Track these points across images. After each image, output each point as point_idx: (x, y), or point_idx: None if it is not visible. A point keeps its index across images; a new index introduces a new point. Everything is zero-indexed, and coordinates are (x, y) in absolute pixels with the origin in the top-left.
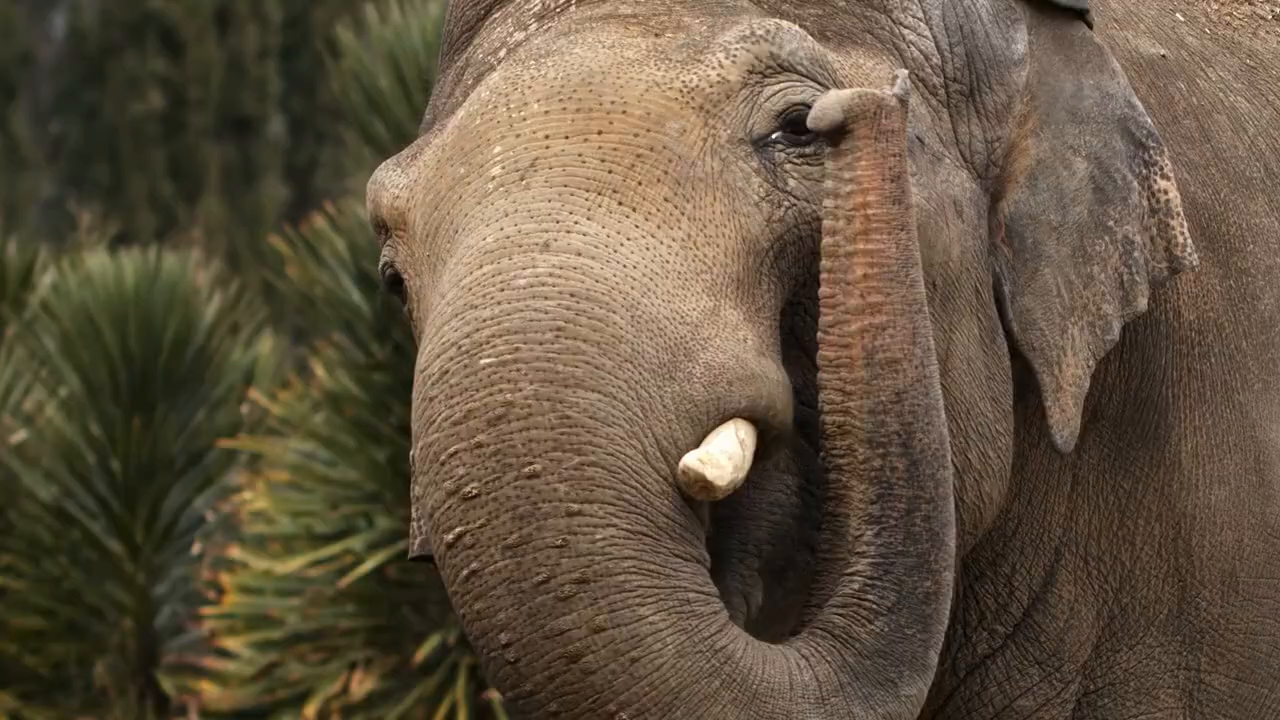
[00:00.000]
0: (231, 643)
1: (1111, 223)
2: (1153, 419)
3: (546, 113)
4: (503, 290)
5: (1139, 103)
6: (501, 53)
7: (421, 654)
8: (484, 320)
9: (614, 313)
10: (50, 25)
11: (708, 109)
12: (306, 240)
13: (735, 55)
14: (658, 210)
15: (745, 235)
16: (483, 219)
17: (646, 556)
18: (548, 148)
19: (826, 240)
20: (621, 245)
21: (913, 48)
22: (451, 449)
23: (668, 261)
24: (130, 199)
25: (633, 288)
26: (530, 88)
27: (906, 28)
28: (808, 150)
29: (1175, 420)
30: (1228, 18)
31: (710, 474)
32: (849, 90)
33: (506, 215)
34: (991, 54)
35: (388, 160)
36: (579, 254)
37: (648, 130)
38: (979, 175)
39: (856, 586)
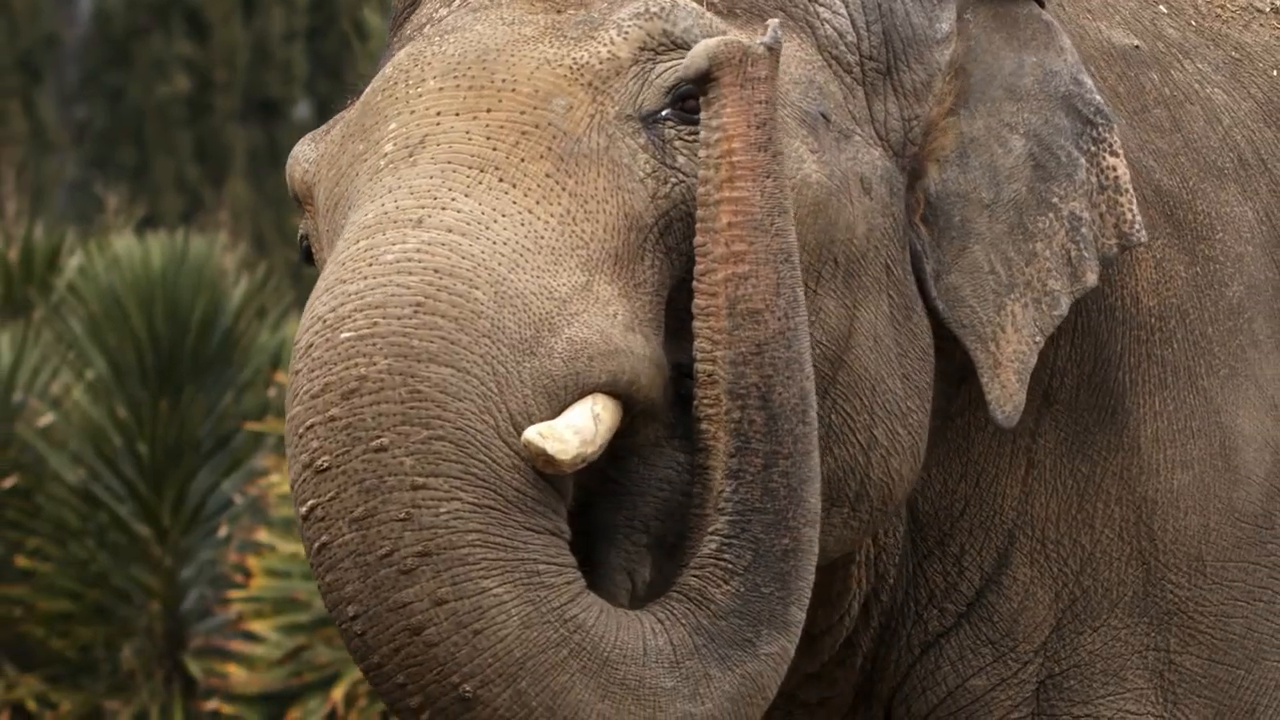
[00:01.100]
0: (259, 626)
1: (1056, 199)
2: (1109, 404)
3: (441, 90)
4: (371, 265)
5: (1088, 80)
6: (426, 29)
7: None
8: (349, 295)
9: (476, 288)
10: (76, 8)
11: (596, 85)
12: None
13: (627, 32)
14: (538, 186)
15: (628, 211)
16: (370, 195)
17: (493, 530)
18: (438, 124)
19: (699, 189)
20: (495, 222)
21: (826, 25)
22: (308, 422)
23: (542, 237)
24: (156, 182)
25: (500, 263)
26: (429, 64)
27: (821, 5)
28: (698, 127)
29: (1134, 405)
30: (1219, 10)
31: (551, 448)
32: (714, 38)
33: (390, 192)
34: (911, 32)
35: (308, 134)
36: (450, 230)
37: (534, 107)
38: (895, 153)
39: (714, 546)
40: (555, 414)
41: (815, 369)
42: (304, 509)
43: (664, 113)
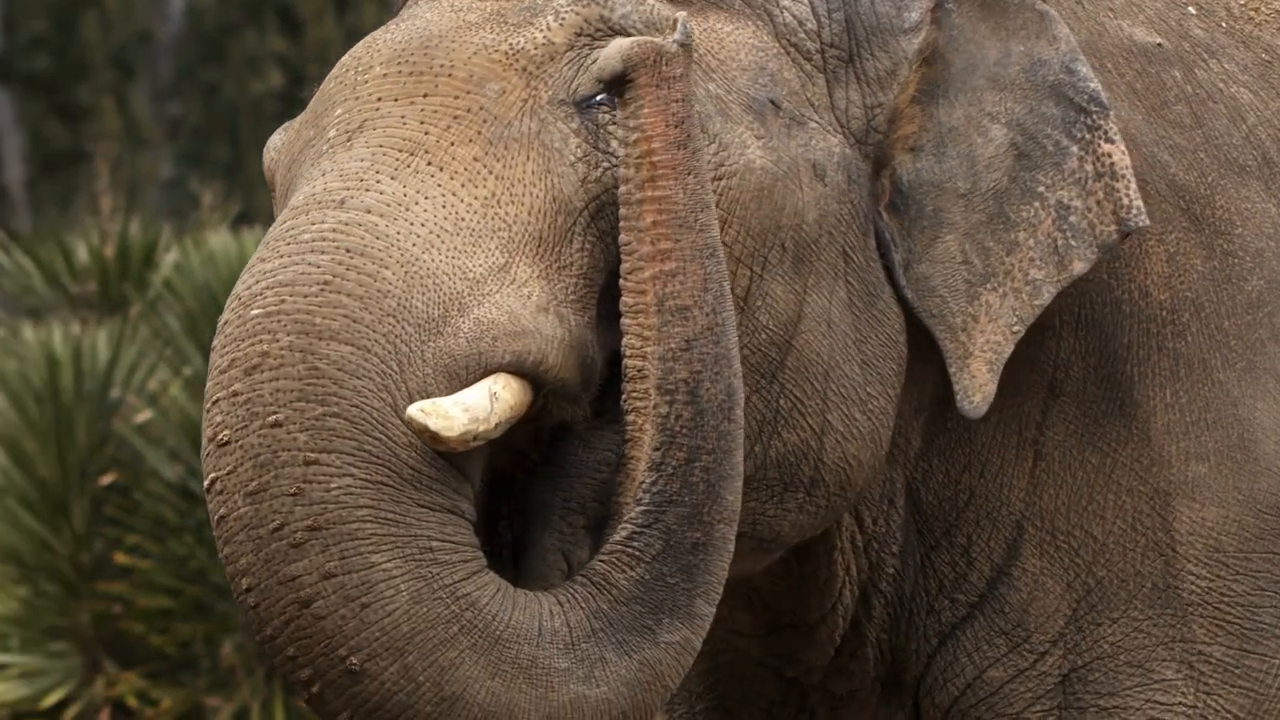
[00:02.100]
0: None
1: (1042, 188)
2: (1119, 395)
3: (385, 76)
4: (288, 245)
5: (1083, 69)
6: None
7: None
8: (264, 273)
9: (386, 268)
10: (169, 4)
11: (531, 71)
12: None
13: (564, 18)
14: (464, 170)
15: (556, 195)
16: (307, 179)
17: (385, 506)
18: (377, 110)
19: (621, 188)
20: (417, 204)
21: (785, 13)
22: (215, 397)
23: (463, 219)
24: (250, 178)
25: (414, 244)
26: (378, 52)
27: None
28: None
29: (1143, 397)
30: (1252, 13)
31: (434, 424)
32: (628, 39)
33: (323, 175)
34: (875, 21)
35: (283, 124)
36: (369, 211)
37: (468, 92)
38: (857, 140)
39: (626, 534)
40: (454, 392)
41: (762, 354)
42: (207, 482)
43: (598, 98)
